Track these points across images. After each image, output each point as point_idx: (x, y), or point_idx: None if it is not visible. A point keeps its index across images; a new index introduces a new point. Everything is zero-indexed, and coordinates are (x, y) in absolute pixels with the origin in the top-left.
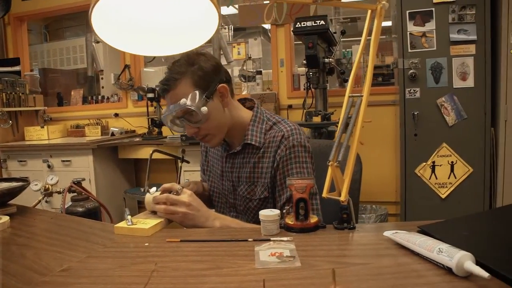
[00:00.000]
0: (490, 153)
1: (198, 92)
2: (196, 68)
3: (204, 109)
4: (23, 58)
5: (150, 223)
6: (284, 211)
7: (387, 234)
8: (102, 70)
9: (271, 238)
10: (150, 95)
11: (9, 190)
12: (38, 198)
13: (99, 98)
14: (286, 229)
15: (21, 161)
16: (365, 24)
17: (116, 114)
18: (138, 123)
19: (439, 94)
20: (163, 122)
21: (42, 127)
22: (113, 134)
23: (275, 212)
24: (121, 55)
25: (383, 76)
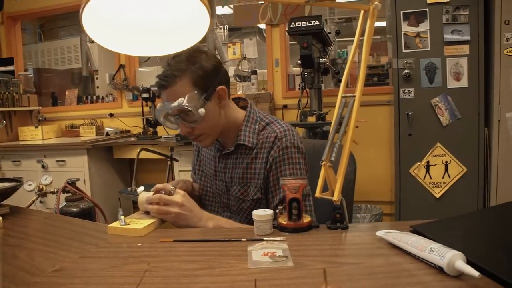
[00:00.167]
0: (484, 152)
1: (196, 92)
2: (197, 67)
3: (201, 110)
4: (17, 58)
5: (143, 223)
6: (277, 211)
7: (380, 233)
8: (96, 70)
9: (264, 238)
10: (145, 95)
11: (1, 190)
12: (32, 199)
13: (94, 98)
14: (279, 229)
15: (15, 161)
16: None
17: (111, 114)
18: (133, 123)
19: (433, 94)
20: (156, 117)
21: (36, 127)
22: (107, 134)
23: (268, 212)
24: (115, 55)
25: (379, 76)
